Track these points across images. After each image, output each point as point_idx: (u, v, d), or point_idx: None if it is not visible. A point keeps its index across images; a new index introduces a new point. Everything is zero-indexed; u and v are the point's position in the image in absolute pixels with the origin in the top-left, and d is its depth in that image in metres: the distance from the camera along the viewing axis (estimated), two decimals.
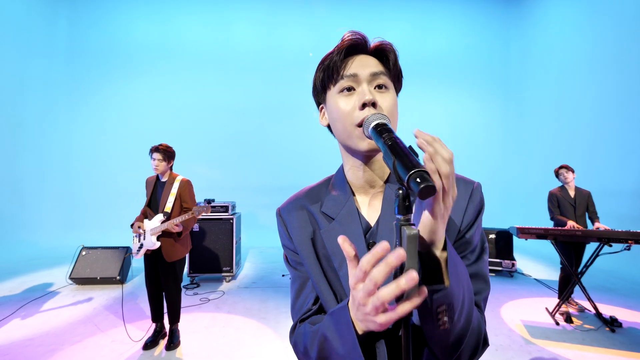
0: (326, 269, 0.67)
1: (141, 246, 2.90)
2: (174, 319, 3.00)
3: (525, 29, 8.19)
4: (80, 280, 4.53)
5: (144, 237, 2.89)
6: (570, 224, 3.53)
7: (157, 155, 2.89)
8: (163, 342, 2.99)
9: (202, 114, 7.89)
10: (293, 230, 0.73)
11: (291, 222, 0.74)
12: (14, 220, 6.79)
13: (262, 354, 2.82)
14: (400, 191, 0.46)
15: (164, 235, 2.89)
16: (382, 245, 0.43)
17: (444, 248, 0.49)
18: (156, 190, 3.00)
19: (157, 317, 3.03)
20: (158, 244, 2.86)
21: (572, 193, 3.78)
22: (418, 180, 0.41)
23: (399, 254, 0.41)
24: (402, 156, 0.46)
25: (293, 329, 0.72)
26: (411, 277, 0.41)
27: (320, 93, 0.70)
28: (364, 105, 0.61)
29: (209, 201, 4.78)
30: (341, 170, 0.75)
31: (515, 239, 5.81)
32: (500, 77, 8.48)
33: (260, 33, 8.12)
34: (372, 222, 0.67)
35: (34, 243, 6.85)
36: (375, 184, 0.69)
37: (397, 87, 0.70)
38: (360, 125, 0.61)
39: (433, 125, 8.23)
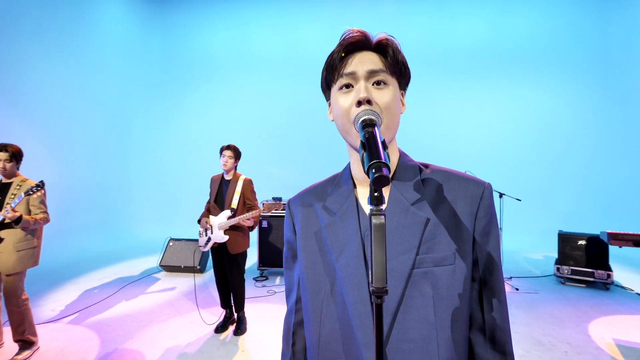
0: (325, 263, 0.69)
1: (209, 240, 3.19)
2: (239, 306, 3.25)
3: (628, 7, 7.02)
4: (167, 268, 5.14)
5: (212, 231, 3.17)
6: None
7: (227, 152, 3.16)
8: (232, 328, 3.26)
9: (273, 116, 8.32)
10: (297, 224, 0.77)
11: (297, 216, 0.78)
12: (122, 214, 7.95)
13: None
14: None
15: (230, 230, 3.15)
16: None
17: None
18: (221, 188, 3.26)
19: (225, 304, 3.32)
20: (226, 237, 3.12)
21: None
22: (374, 170, 0.45)
23: None
24: (371, 149, 0.49)
25: (287, 329, 0.81)
26: None
27: (325, 90, 0.73)
28: (359, 103, 0.62)
29: (276, 199, 5.07)
30: (348, 166, 0.77)
31: (614, 246, 5.05)
32: (595, 65, 7.35)
33: (327, 36, 8.26)
34: None
35: (136, 234, 7.94)
36: None
37: (402, 81, 0.70)
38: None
39: (515, 121, 7.53)
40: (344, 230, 0.68)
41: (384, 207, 0.68)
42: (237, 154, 3.22)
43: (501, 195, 4.72)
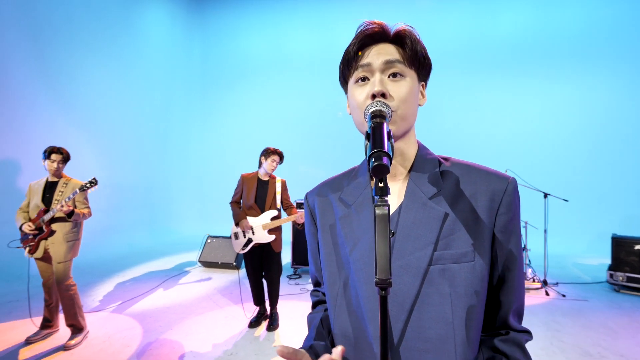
0: (339, 256, 0.69)
1: (249, 241, 3.25)
2: (274, 303, 3.32)
3: None
4: (206, 264, 5.35)
5: (253, 232, 3.24)
6: None
7: (276, 158, 3.23)
8: (265, 323, 3.33)
9: (308, 115, 8.40)
10: (317, 216, 0.77)
11: (315, 208, 0.78)
12: (164, 213, 8.39)
13: None
14: None
15: (274, 230, 3.22)
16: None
17: None
18: (260, 189, 3.32)
19: (259, 301, 3.39)
20: (272, 237, 3.18)
21: None
22: (373, 159, 0.44)
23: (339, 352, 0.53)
24: (374, 139, 0.48)
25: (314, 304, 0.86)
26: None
27: (343, 84, 0.73)
28: (373, 96, 0.61)
29: None
30: (366, 159, 0.76)
31: None
32: None
33: None
34: (392, 211, 0.66)
35: (177, 231, 8.35)
36: (397, 172, 0.69)
37: (421, 72, 0.67)
38: None
39: (561, 117, 7.04)
40: (358, 223, 0.67)
41: (391, 199, 0.67)
42: (282, 159, 3.30)
43: (546, 195, 4.44)
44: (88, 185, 2.84)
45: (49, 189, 2.92)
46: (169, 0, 8.73)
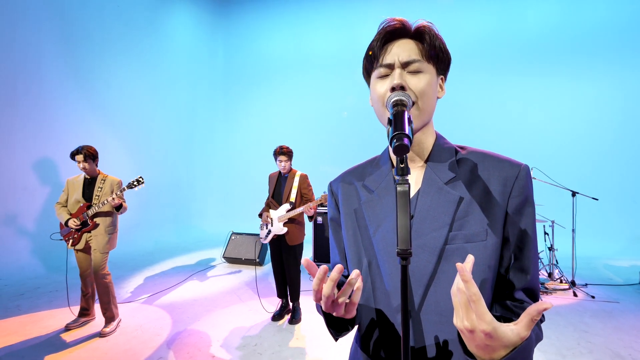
0: (363, 238, 0.74)
1: (269, 232, 3.37)
2: (294, 296, 3.39)
3: None
4: (230, 260, 5.50)
5: (272, 224, 3.35)
6: None
7: (283, 157, 3.31)
8: (287, 317, 3.41)
9: (329, 114, 8.43)
10: (340, 202, 0.83)
11: (339, 195, 0.83)
12: (189, 210, 8.65)
13: None
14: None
15: (289, 222, 3.31)
16: (322, 269, 0.54)
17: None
18: (279, 184, 3.44)
19: (281, 293, 3.48)
20: (285, 229, 3.28)
21: None
22: (395, 140, 0.49)
23: (339, 269, 0.55)
24: (395, 123, 0.54)
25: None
26: (339, 269, 0.55)
27: (366, 77, 0.78)
28: (393, 89, 0.66)
29: None
30: (387, 148, 0.81)
31: None
32: None
33: None
34: (411, 195, 0.71)
35: (202, 228, 8.59)
36: (415, 160, 0.73)
37: (440, 66, 0.71)
38: None
39: (593, 114, 6.77)
40: (381, 207, 0.72)
41: (419, 185, 0.71)
42: (291, 156, 3.37)
43: (574, 193, 4.32)
44: (135, 183, 3.04)
45: (88, 185, 3.12)
46: (194, 4, 9.00)
